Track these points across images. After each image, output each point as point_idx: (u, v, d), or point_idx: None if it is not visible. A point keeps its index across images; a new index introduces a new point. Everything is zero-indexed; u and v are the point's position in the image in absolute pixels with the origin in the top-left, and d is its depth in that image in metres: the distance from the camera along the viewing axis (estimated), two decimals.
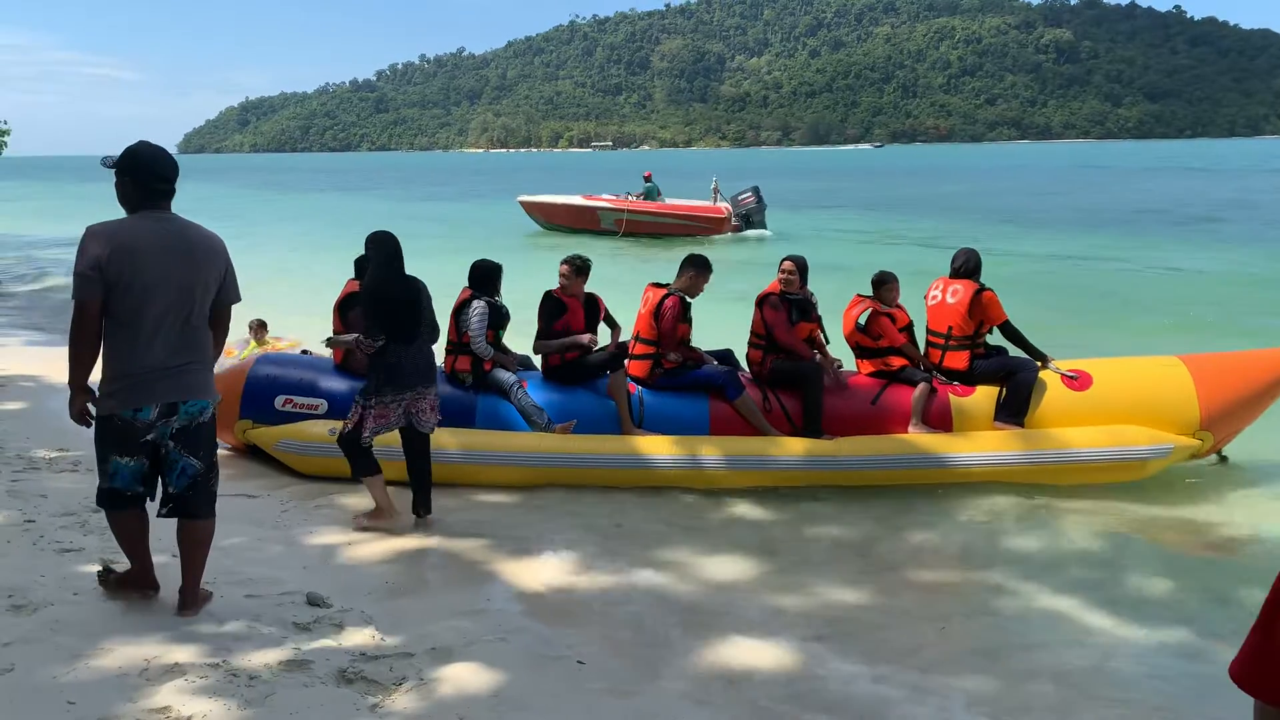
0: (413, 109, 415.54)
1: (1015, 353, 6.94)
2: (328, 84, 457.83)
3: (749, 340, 6.99)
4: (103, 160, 3.94)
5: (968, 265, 7.06)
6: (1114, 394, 6.67)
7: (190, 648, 3.70)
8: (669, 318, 6.71)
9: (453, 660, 3.85)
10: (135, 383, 3.73)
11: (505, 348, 6.90)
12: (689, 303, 6.85)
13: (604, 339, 7.03)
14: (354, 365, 6.64)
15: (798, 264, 6.91)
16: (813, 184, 58.21)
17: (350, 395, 6.10)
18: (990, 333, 7.02)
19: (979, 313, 6.87)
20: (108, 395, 3.76)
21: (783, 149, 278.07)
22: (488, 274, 6.76)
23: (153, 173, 3.80)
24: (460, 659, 3.86)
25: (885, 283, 7.08)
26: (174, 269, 3.73)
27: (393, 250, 5.42)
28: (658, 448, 6.45)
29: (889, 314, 6.98)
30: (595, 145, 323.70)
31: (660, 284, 6.98)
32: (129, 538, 4.04)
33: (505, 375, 6.72)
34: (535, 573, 5.01)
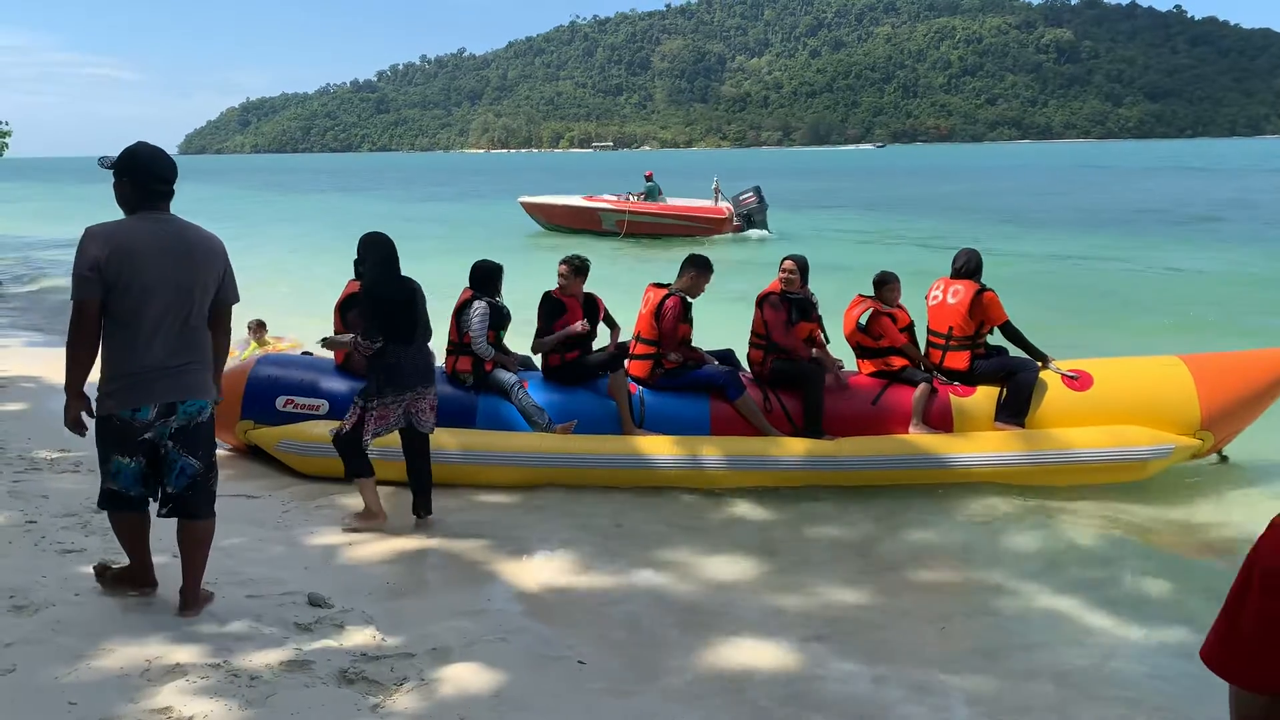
0: (414, 109, 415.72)
1: (1016, 353, 6.95)
2: (328, 84, 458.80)
3: (750, 340, 7.00)
4: (100, 161, 3.94)
5: (968, 266, 7.06)
6: (1115, 394, 6.67)
7: (191, 648, 3.71)
8: (670, 318, 6.71)
9: (453, 660, 3.85)
10: (134, 383, 3.74)
11: (506, 348, 6.91)
12: (690, 303, 6.85)
13: (603, 339, 7.05)
14: (355, 366, 6.64)
15: (798, 263, 6.91)
16: (814, 184, 58.20)
17: (351, 396, 6.11)
18: (991, 333, 7.02)
19: (980, 313, 6.87)
20: (107, 395, 3.77)
21: (783, 149, 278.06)
22: (488, 274, 6.76)
23: (152, 174, 3.81)
24: (461, 659, 3.87)
25: (887, 283, 7.09)
26: (173, 270, 3.74)
27: (388, 252, 5.42)
28: (658, 448, 6.45)
29: (890, 314, 6.98)
30: (596, 146, 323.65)
31: (661, 284, 6.98)
32: (130, 538, 4.05)
33: (506, 376, 6.73)
34: (536, 573, 5.01)
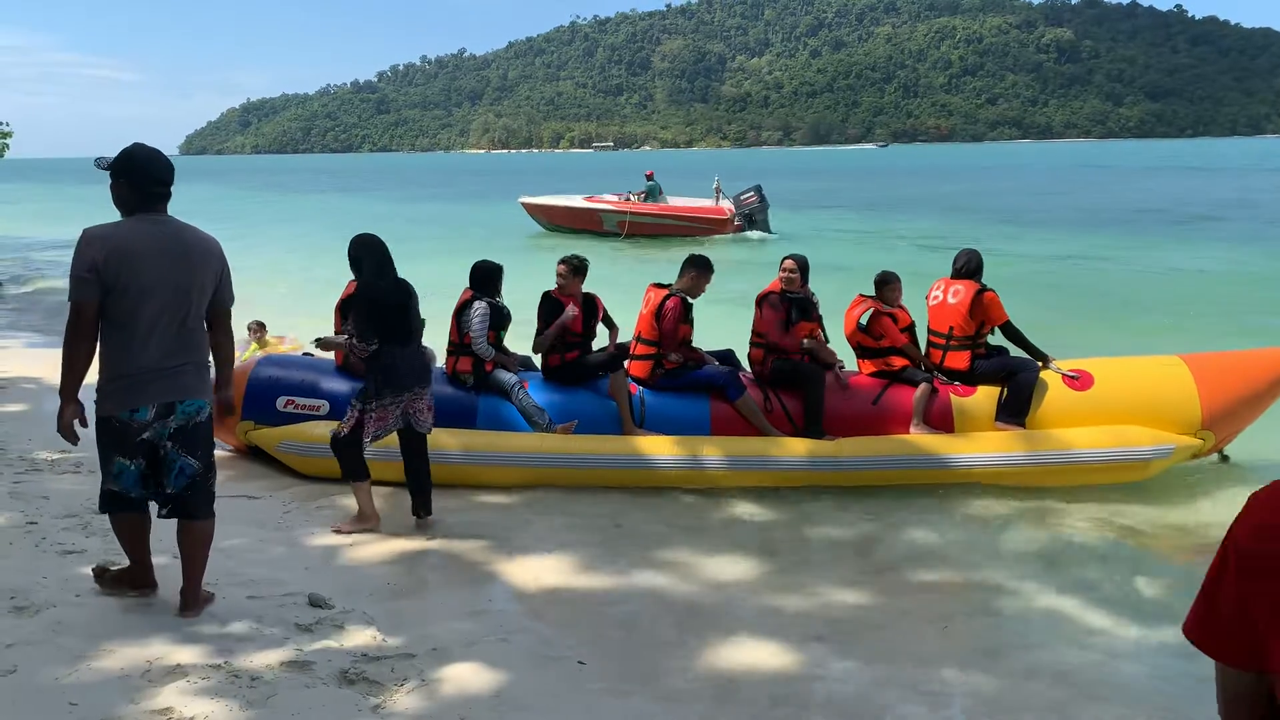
0: (414, 110, 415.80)
1: (1016, 353, 6.95)
2: (329, 85, 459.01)
3: (750, 340, 7.00)
4: (97, 162, 3.94)
5: (969, 266, 7.06)
6: (1115, 394, 6.67)
7: (192, 649, 3.71)
8: (670, 319, 6.71)
9: (454, 661, 3.86)
10: (131, 383, 3.75)
11: (505, 349, 6.91)
12: (690, 303, 6.86)
13: (603, 339, 7.05)
14: (355, 367, 6.64)
15: (799, 263, 6.91)
16: (815, 184, 58.17)
17: (351, 396, 6.11)
18: (991, 333, 7.02)
19: (980, 313, 6.87)
20: (105, 396, 3.78)
21: (784, 149, 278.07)
22: (489, 275, 6.76)
23: (149, 175, 3.81)
24: (461, 659, 3.87)
25: (888, 283, 7.09)
26: (170, 271, 3.75)
27: (382, 253, 5.43)
28: (659, 448, 6.45)
29: (891, 314, 6.98)
30: (596, 146, 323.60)
31: (662, 284, 6.98)
32: (130, 539, 4.06)
33: (506, 376, 6.73)
34: (536, 573, 5.01)
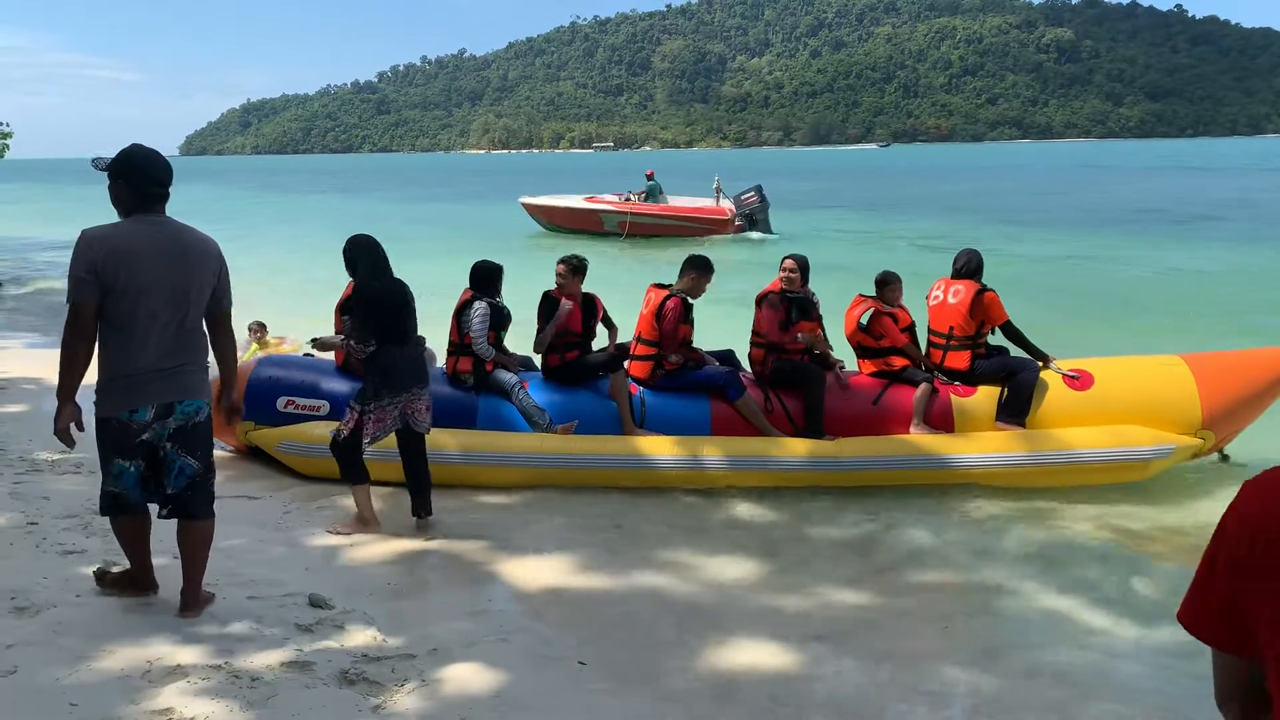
0: (414, 110, 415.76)
1: (1017, 353, 6.94)
2: (329, 85, 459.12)
3: (750, 340, 7.00)
4: (94, 162, 3.94)
5: (969, 266, 7.06)
6: (1115, 393, 6.67)
7: (192, 649, 3.71)
8: (670, 319, 6.71)
9: (454, 661, 3.86)
10: (130, 384, 3.75)
11: (505, 349, 6.91)
12: (691, 304, 6.86)
13: (603, 340, 7.06)
14: (355, 367, 6.64)
15: (799, 262, 6.91)
16: (816, 184, 58.15)
17: (351, 397, 6.11)
18: (992, 333, 7.02)
19: (980, 313, 6.87)
20: (104, 397, 3.78)
21: (784, 149, 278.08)
22: (489, 275, 6.77)
23: (147, 176, 3.81)
24: (462, 660, 3.87)
25: (888, 283, 7.09)
26: (168, 272, 3.75)
27: (378, 253, 5.42)
28: (659, 448, 6.45)
29: (891, 314, 6.98)
30: (597, 146, 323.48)
31: (662, 285, 6.98)
32: (131, 541, 4.07)
33: (507, 376, 6.73)
34: (536, 574, 5.01)
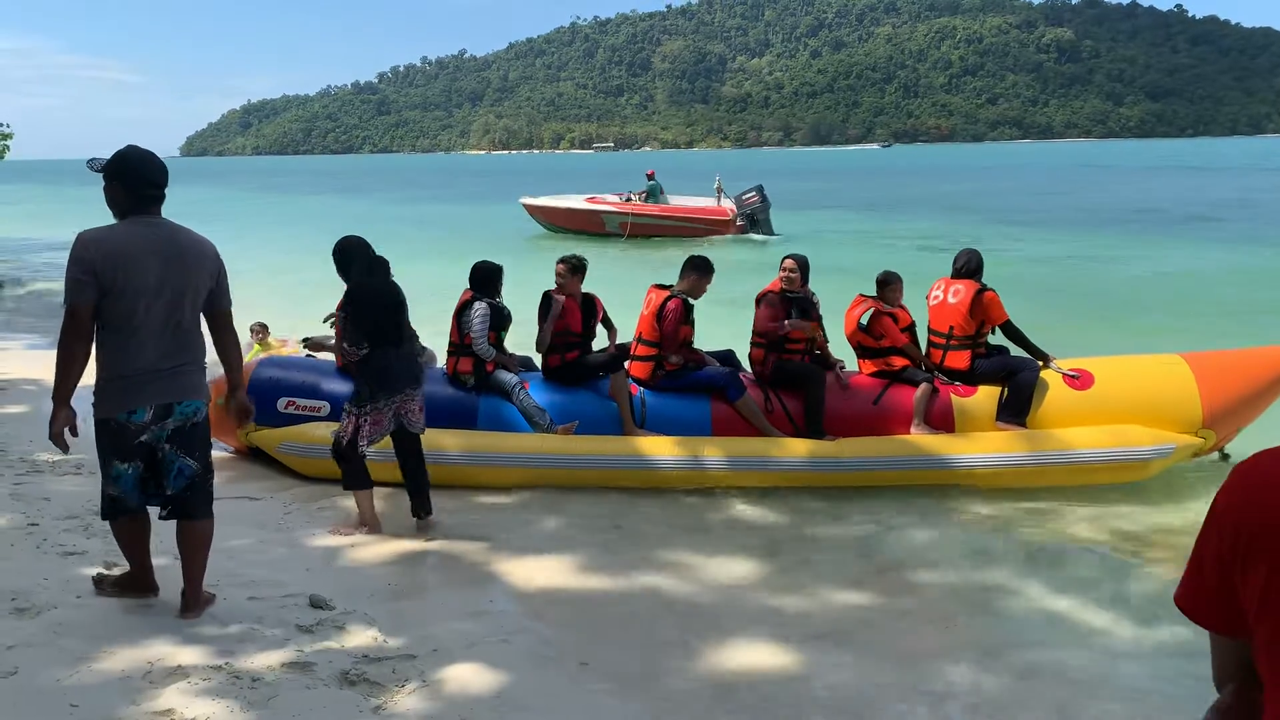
0: (414, 111, 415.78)
1: (1017, 352, 6.94)
2: (329, 86, 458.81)
3: (751, 340, 6.99)
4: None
5: (969, 265, 7.06)
6: (1116, 393, 6.66)
7: (193, 650, 3.72)
8: (671, 320, 6.71)
9: (455, 661, 3.86)
10: (128, 385, 3.76)
11: (505, 350, 6.91)
12: (691, 305, 6.86)
13: (602, 340, 7.06)
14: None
15: (799, 262, 6.91)
16: (817, 185, 58.14)
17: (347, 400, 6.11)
18: (992, 332, 7.02)
19: (980, 312, 6.87)
20: (102, 398, 3.79)
21: (784, 149, 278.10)
22: (488, 275, 6.77)
23: (144, 178, 3.82)
24: (463, 660, 3.88)
25: (889, 283, 7.08)
26: (165, 273, 3.75)
27: (369, 255, 5.42)
28: (660, 449, 6.45)
29: (891, 314, 6.98)
30: (597, 146, 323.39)
31: (663, 285, 6.98)
32: (130, 543, 4.07)
33: (507, 376, 6.73)
34: (537, 574, 5.01)
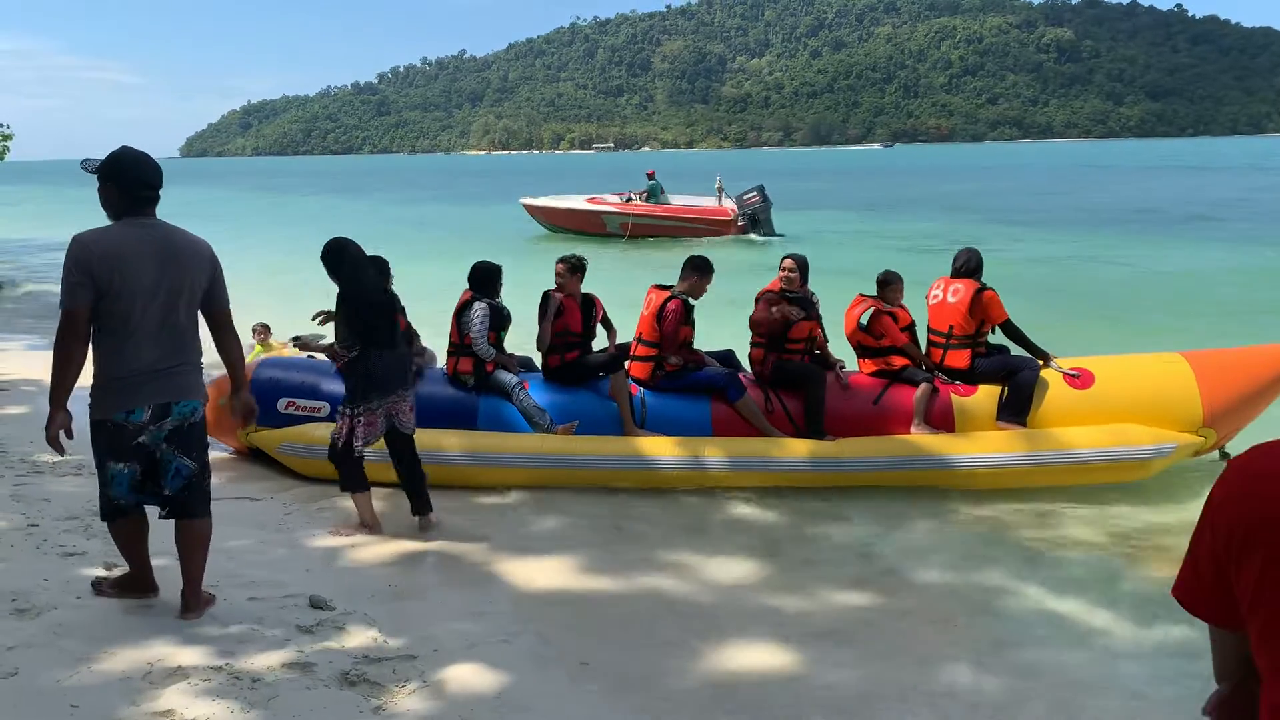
0: (414, 111, 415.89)
1: (1017, 351, 6.94)
2: (329, 87, 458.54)
3: (751, 340, 6.99)
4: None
5: (969, 264, 7.06)
6: (1116, 392, 6.65)
7: (193, 650, 3.72)
8: (671, 321, 6.71)
9: (456, 662, 3.86)
10: (125, 386, 3.76)
11: (504, 350, 6.91)
12: (691, 305, 6.86)
13: (602, 340, 7.06)
14: None
15: (798, 262, 6.91)
16: (818, 185, 58.14)
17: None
18: (992, 331, 7.02)
19: (980, 311, 6.86)
20: (99, 400, 3.79)
21: (785, 149, 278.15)
22: (488, 275, 6.77)
23: (138, 179, 3.82)
24: (463, 660, 3.88)
25: (890, 283, 7.08)
26: (161, 274, 3.76)
27: (360, 256, 5.41)
28: (660, 449, 6.45)
29: (891, 313, 6.98)
30: (597, 147, 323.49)
31: (664, 286, 6.98)
32: (128, 544, 4.08)
33: (507, 377, 6.73)
34: (537, 574, 5.01)
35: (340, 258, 5.36)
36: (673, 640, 4.30)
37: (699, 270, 6.88)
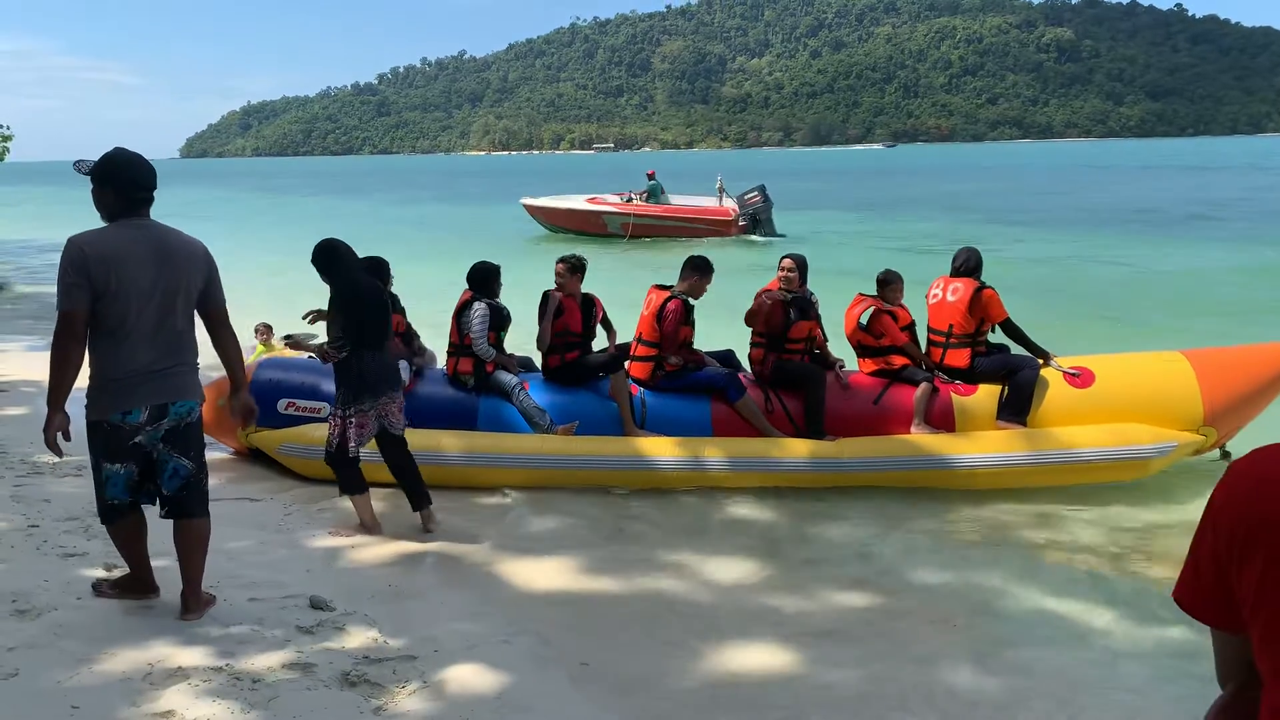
0: (414, 112, 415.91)
1: (1017, 350, 6.94)
2: (329, 87, 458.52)
3: (750, 339, 6.99)
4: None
5: (968, 264, 7.06)
6: (1117, 390, 6.64)
7: (194, 651, 3.72)
8: (671, 321, 6.71)
9: (456, 662, 3.86)
10: (121, 386, 3.77)
11: (504, 350, 6.91)
12: (691, 305, 6.86)
13: (602, 341, 7.06)
14: None
15: (797, 262, 6.91)
16: (819, 185, 58.13)
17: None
18: (992, 330, 7.02)
19: (979, 310, 6.86)
20: (95, 401, 3.79)
21: (785, 150, 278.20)
22: (487, 275, 6.77)
23: (133, 181, 3.82)
24: (463, 661, 3.88)
25: (890, 282, 7.08)
26: (157, 275, 3.76)
27: (352, 257, 5.41)
28: (660, 449, 6.45)
29: (891, 312, 6.98)
30: (597, 147, 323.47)
31: (664, 286, 6.99)
32: (126, 544, 4.08)
33: (507, 377, 6.73)
34: (537, 575, 5.02)
35: (332, 258, 5.35)
36: (673, 640, 4.30)
37: (699, 270, 6.89)
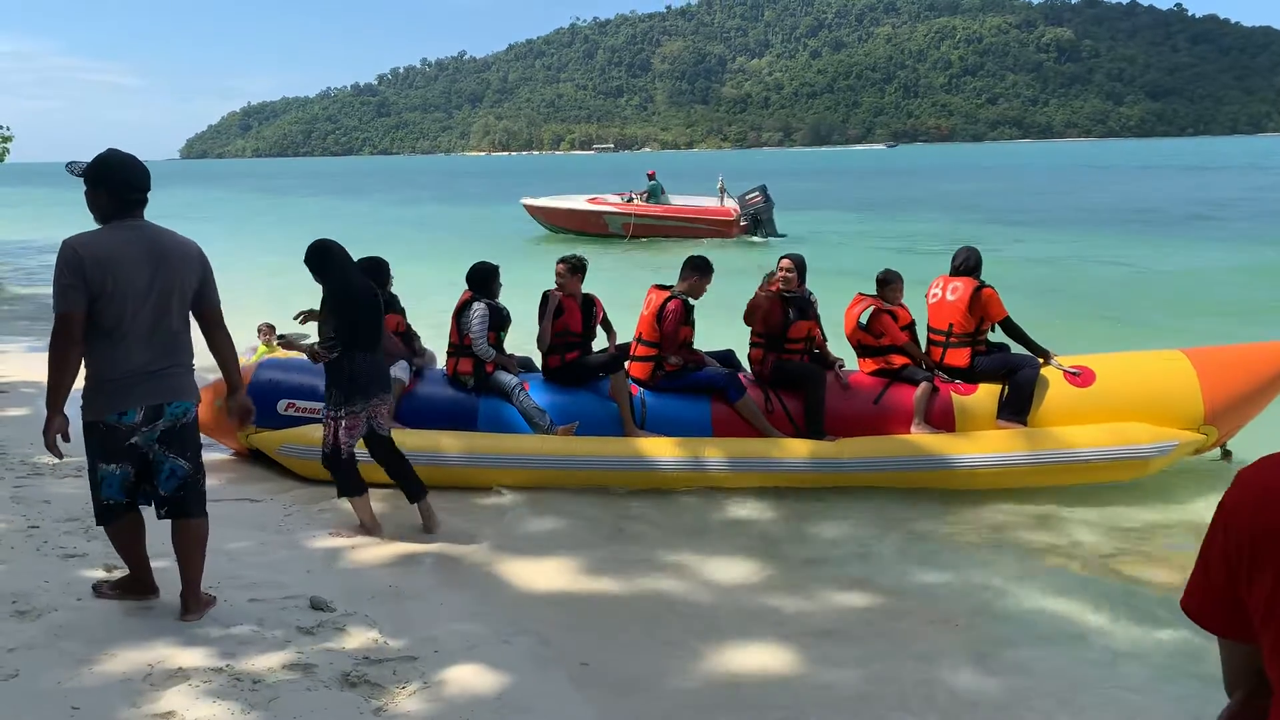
0: (414, 112, 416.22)
1: (1017, 350, 6.93)
2: (329, 88, 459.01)
3: (750, 339, 6.99)
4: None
5: (968, 263, 7.06)
6: (1117, 389, 6.63)
7: (194, 652, 3.72)
8: (671, 321, 6.71)
9: (456, 663, 3.86)
10: (117, 387, 3.77)
11: (504, 350, 6.90)
12: (691, 305, 6.86)
13: (602, 341, 7.06)
14: None
15: (796, 262, 6.91)
16: (819, 185, 58.13)
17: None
18: (992, 329, 7.01)
19: (979, 309, 6.86)
20: (91, 401, 3.79)
21: (785, 150, 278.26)
22: (486, 275, 6.77)
23: (127, 183, 3.82)
24: (464, 661, 3.88)
25: (890, 282, 7.08)
26: (152, 276, 3.77)
27: (345, 257, 5.40)
28: (660, 449, 6.45)
29: (891, 311, 6.98)
30: (597, 147, 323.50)
31: (664, 286, 6.99)
32: (125, 545, 4.08)
33: (507, 378, 6.73)
34: (537, 575, 5.02)
35: (325, 259, 5.34)
36: (673, 640, 4.30)
37: (699, 270, 6.89)
